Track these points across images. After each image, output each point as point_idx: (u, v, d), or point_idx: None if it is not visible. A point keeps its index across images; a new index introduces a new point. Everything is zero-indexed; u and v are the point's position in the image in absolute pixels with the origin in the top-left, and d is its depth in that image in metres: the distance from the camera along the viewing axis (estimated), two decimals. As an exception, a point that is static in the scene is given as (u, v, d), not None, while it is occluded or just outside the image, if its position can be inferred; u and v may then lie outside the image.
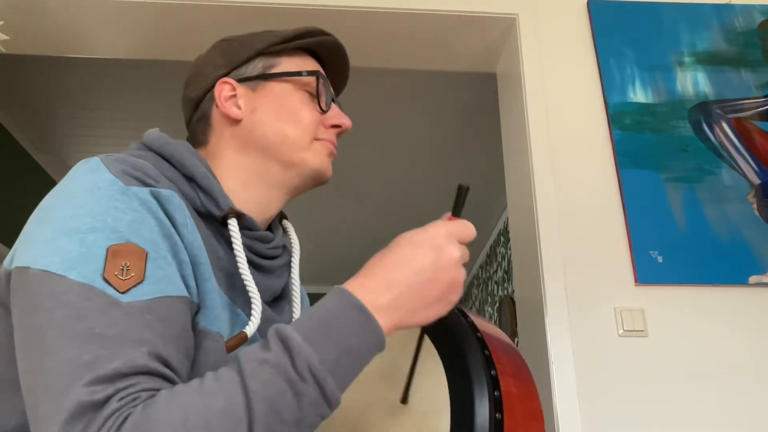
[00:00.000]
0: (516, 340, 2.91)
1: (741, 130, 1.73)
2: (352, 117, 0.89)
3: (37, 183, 3.27)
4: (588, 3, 1.91)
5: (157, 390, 0.49)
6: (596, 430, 1.41)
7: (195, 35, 1.90)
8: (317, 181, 0.78)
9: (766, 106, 1.77)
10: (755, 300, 1.54)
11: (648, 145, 1.70)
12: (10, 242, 2.75)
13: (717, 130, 1.73)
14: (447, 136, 3.18)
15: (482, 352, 0.59)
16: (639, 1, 1.89)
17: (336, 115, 0.80)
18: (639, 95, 1.76)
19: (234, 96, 0.77)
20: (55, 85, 2.80)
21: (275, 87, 0.77)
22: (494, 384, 0.57)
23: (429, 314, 0.58)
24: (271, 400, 0.48)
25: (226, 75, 0.78)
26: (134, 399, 0.47)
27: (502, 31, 1.95)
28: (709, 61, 1.82)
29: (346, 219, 4.09)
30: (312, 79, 0.79)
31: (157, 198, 0.60)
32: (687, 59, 1.82)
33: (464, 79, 2.71)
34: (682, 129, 1.72)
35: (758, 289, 1.55)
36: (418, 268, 0.57)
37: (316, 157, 0.77)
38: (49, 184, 3.26)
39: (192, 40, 1.92)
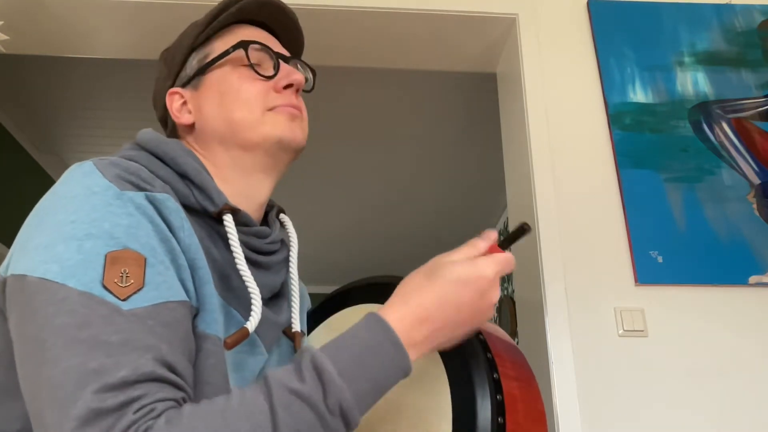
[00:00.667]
0: (516, 340, 2.91)
1: (741, 130, 1.73)
2: (352, 117, 0.87)
3: (37, 183, 3.26)
4: (588, 3, 1.91)
5: (170, 400, 0.49)
6: (596, 430, 1.40)
7: (195, 35, 1.90)
8: (287, 149, 0.74)
9: (766, 106, 1.77)
10: (755, 300, 1.54)
11: (648, 145, 1.70)
12: (9, 242, 2.75)
13: (717, 130, 1.73)
14: (447, 135, 3.17)
15: (485, 355, 0.59)
16: (639, 1, 1.89)
17: (284, 75, 0.74)
18: (639, 95, 1.76)
19: (185, 103, 0.76)
20: (55, 85, 2.80)
21: (212, 76, 0.75)
22: (497, 388, 0.57)
23: (451, 343, 0.59)
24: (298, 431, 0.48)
25: (172, 85, 0.77)
26: (151, 410, 0.47)
27: (502, 31, 1.95)
28: (709, 61, 1.82)
29: (345, 219, 4.08)
30: (240, 51, 0.74)
31: (152, 202, 0.60)
32: (687, 59, 1.82)
33: (464, 79, 2.71)
34: (682, 129, 1.72)
35: (758, 289, 1.55)
36: (458, 309, 0.57)
37: (274, 127, 0.72)
38: (49, 184, 3.25)
39: (192, 40, 1.92)
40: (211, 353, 0.60)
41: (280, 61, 0.76)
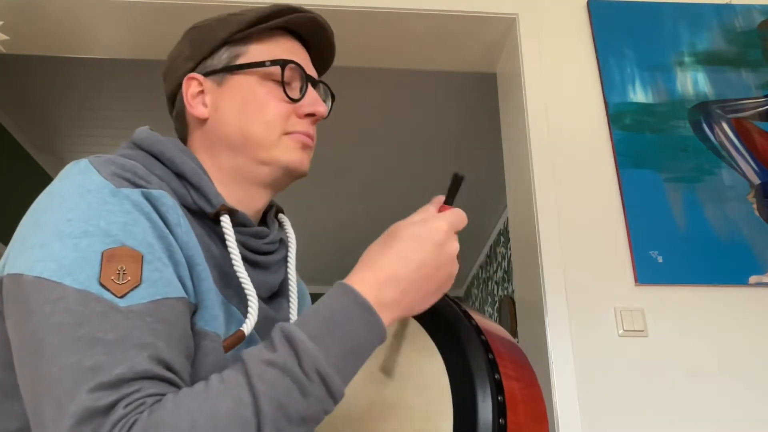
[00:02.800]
0: (516, 340, 2.91)
1: (741, 130, 1.73)
2: (353, 117, 0.86)
3: (37, 183, 3.26)
4: (588, 3, 1.91)
5: (163, 395, 0.49)
6: (596, 430, 1.41)
7: (195, 35, 1.90)
8: (291, 176, 0.73)
9: (766, 106, 1.77)
10: (755, 300, 1.54)
11: (648, 145, 1.70)
12: (9, 242, 2.74)
13: (717, 130, 1.73)
14: (447, 136, 3.18)
15: (486, 356, 0.59)
16: (639, 1, 1.89)
17: (310, 102, 0.73)
18: (639, 95, 1.77)
19: (202, 92, 0.73)
20: (55, 85, 2.80)
21: (240, 80, 0.72)
22: (498, 388, 0.57)
23: (425, 306, 0.59)
24: (279, 401, 0.48)
25: (193, 69, 0.74)
26: (140, 405, 0.47)
27: (502, 31, 1.95)
28: (709, 61, 1.82)
29: (346, 219, 4.08)
30: (277, 69, 0.72)
31: (148, 199, 0.59)
32: (687, 59, 1.82)
33: (464, 79, 2.71)
34: (682, 129, 1.72)
35: (758, 289, 1.55)
36: (421, 264, 0.57)
37: (285, 153, 0.71)
38: (49, 184, 3.26)
39: (192, 40, 1.92)
40: (209, 350, 0.60)
41: (309, 85, 0.74)
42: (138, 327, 0.51)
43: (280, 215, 0.83)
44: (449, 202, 0.63)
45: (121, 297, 0.52)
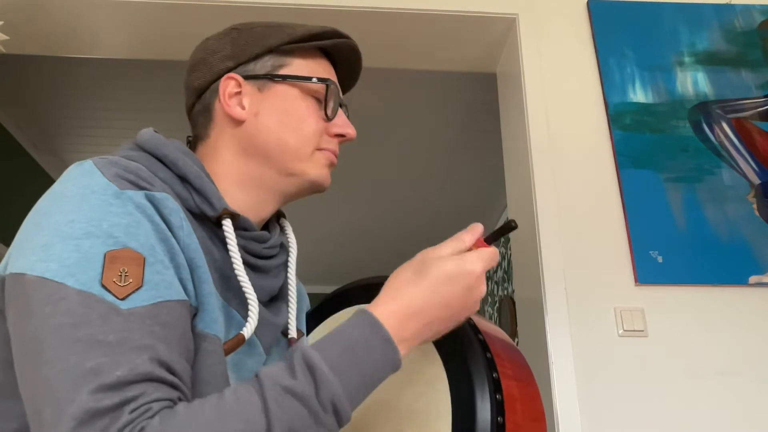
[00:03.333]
0: (516, 340, 2.91)
1: (741, 130, 1.73)
2: (353, 117, 0.87)
3: (37, 183, 3.26)
4: (588, 3, 1.91)
5: (166, 400, 0.49)
6: (596, 430, 1.41)
7: (195, 35, 1.89)
8: (314, 191, 0.76)
9: (766, 106, 1.77)
10: (755, 300, 1.54)
11: (648, 145, 1.70)
12: (9, 242, 2.74)
13: (717, 130, 1.73)
14: (447, 135, 3.18)
15: (484, 355, 0.59)
16: (639, 1, 1.89)
17: (342, 124, 0.77)
18: (639, 95, 1.76)
19: (239, 93, 0.73)
20: (55, 85, 2.80)
21: (282, 90, 0.74)
22: (496, 387, 0.57)
23: (438, 336, 0.60)
24: (292, 428, 0.49)
25: (233, 69, 0.74)
26: (147, 410, 0.47)
27: (502, 31, 1.95)
28: (709, 61, 1.82)
29: (346, 219, 4.08)
30: (321, 87, 0.75)
31: (151, 201, 0.59)
32: (687, 59, 1.82)
33: (464, 79, 2.71)
34: (682, 129, 1.72)
35: (758, 289, 1.55)
36: (447, 304, 0.58)
37: (315, 168, 0.74)
38: (49, 184, 3.25)
39: (192, 40, 1.91)
40: (210, 353, 0.60)
41: (340, 108, 0.78)
42: (139, 329, 0.51)
43: (282, 220, 0.83)
44: (490, 241, 0.62)
45: (123, 299, 0.52)
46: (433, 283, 0.58)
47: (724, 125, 1.73)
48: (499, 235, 0.62)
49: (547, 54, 1.84)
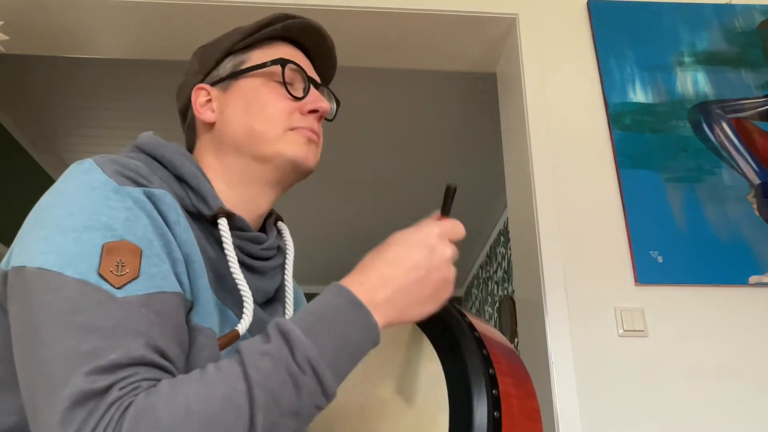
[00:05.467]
0: (516, 340, 2.92)
1: (741, 130, 1.73)
2: (352, 117, 0.87)
3: (37, 183, 3.27)
4: (588, 3, 1.91)
5: (157, 380, 0.50)
6: (596, 430, 1.41)
7: (195, 35, 1.90)
8: (298, 170, 0.76)
9: (766, 106, 1.77)
10: (755, 300, 1.54)
11: (648, 145, 1.70)
12: (9, 242, 2.75)
13: (717, 130, 1.73)
14: (447, 136, 3.18)
15: (480, 352, 0.60)
16: (639, 1, 1.89)
17: (312, 100, 0.77)
18: (639, 95, 1.77)
19: (209, 101, 0.77)
20: (55, 85, 2.80)
21: (244, 83, 0.76)
22: (492, 383, 0.57)
23: (421, 311, 0.60)
24: (272, 390, 0.49)
25: (201, 81, 0.78)
26: (135, 388, 0.48)
27: (502, 31, 1.95)
28: (709, 61, 1.82)
29: (345, 219, 4.09)
30: (278, 68, 0.76)
31: (150, 197, 0.61)
32: (687, 59, 1.82)
33: (464, 79, 2.71)
34: (682, 129, 1.72)
35: (758, 289, 1.55)
36: (413, 267, 0.59)
37: (290, 147, 0.74)
38: (49, 184, 3.24)
39: (192, 40, 1.92)
40: (204, 346, 0.61)
41: (311, 86, 0.78)
42: (134, 316, 0.53)
43: (279, 223, 0.84)
44: (445, 213, 0.65)
45: (119, 288, 0.53)
46: (394, 250, 0.60)
47: (724, 125, 1.74)
48: (446, 204, 0.65)
49: (547, 54, 1.84)
